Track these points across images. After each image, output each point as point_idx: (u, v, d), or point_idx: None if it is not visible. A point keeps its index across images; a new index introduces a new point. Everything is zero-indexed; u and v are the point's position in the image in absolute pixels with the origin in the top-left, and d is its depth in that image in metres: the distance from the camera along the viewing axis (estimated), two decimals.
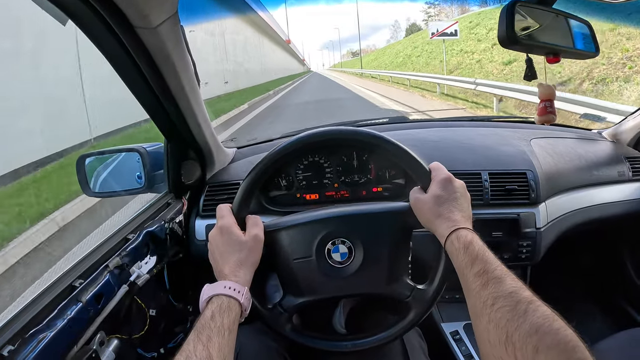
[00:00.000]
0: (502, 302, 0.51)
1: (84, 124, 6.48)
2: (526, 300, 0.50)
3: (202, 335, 0.56)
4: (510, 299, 0.51)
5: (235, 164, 1.24)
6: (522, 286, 0.53)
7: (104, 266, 0.80)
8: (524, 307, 0.49)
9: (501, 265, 0.58)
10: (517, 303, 0.50)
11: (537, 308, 0.49)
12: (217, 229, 0.72)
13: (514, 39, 0.72)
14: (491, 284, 0.54)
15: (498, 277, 0.55)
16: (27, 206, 4.18)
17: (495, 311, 0.51)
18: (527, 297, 0.51)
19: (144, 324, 0.92)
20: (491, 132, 1.32)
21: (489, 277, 0.56)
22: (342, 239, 0.74)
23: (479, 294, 0.55)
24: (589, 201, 1.19)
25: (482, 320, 0.53)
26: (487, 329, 0.51)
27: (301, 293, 0.76)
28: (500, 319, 0.50)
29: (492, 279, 0.55)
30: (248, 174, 0.75)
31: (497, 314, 0.50)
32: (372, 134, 0.75)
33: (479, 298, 0.55)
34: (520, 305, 0.50)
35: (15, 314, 0.64)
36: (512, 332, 0.48)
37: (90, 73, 6.40)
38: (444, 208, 0.67)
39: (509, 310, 0.50)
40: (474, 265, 0.58)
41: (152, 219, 0.99)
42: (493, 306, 0.52)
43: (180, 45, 0.75)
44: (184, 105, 0.87)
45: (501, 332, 0.49)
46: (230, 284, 0.64)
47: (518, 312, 0.49)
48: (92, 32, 0.66)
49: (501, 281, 0.54)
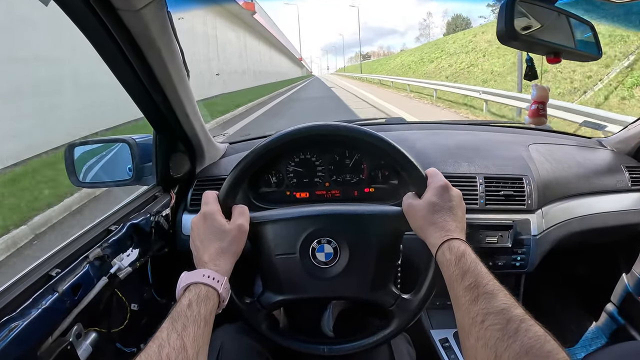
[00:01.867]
0: (492, 320, 0.49)
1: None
2: (518, 318, 0.47)
3: (177, 323, 0.53)
4: (501, 316, 0.48)
5: (226, 158, 1.22)
6: (514, 303, 0.51)
7: (83, 257, 0.78)
8: (515, 327, 0.46)
9: (493, 280, 0.55)
10: (508, 321, 0.47)
11: (529, 328, 0.46)
12: (200, 215, 0.69)
13: (514, 35, 0.70)
14: (482, 299, 0.52)
15: (489, 292, 0.52)
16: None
17: (485, 329, 0.48)
18: (518, 315, 0.48)
19: (124, 318, 0.90)
20: (489, 137, 1.30)
21: (479, 291, 0.53)
22: (328, 239, 0.72)
23: (469, 309, 0.52)
24: (587, 210, 1.17)
25: (470, 337, 0.50)
26: (475, 347, 0.49)
27: (281, 290, 0.74)
28: (490, 338, 0.47)
29: (483, 294, 0.52)
30: (238, 163, 0.72)
31: (487, 332, 0.48)
32: (370, 133, 0.72)
33: (468, 314, 0.52)
34: (511, 324, 0.47)
35: None
36: (501, 353, 0.45)
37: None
38: (438, 216, 0.65)
39: (499, 329, 0.47)
40: (465, 279, 0.56)
41: (137, 212, 0.97)
42: (483, 323, 0.49)
43: (167, 31, 0.73)
44: (172, 96, 0.85)
45: (490, 351, 0.46)
46: (210, 272, 0.61)
47: (508, 332, 0.46)
48: (75, 14, 0.64)
49: (493, 297, 0.52)
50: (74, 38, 0.75)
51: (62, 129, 6.22)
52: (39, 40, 6.07)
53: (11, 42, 5.73)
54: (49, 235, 3.78)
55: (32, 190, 4.56)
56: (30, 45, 6.00)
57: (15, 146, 5.65)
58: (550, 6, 0.76)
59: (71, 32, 0.68)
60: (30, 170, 5.38)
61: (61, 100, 6.74)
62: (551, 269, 1.28)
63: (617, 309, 1.44)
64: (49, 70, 6.46)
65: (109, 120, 7.38)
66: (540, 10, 0.76)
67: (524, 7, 0.73)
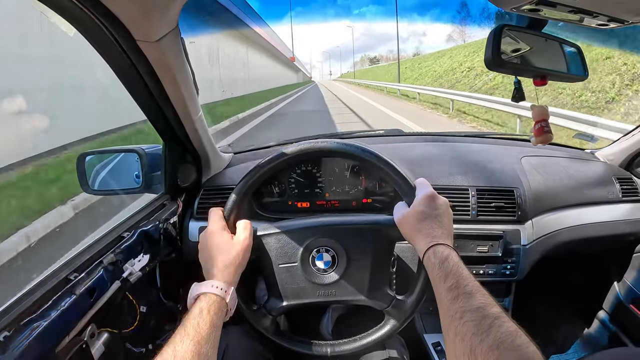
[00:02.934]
0: (469, 316, 0.54)
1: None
2: (492, 315, 0.53)
3: (189, 329, 0.60)
4: (477, 313, 0.54)
5: (231, 168, 1.27)
6: (491, 302, 0.56)
7: (98, 262, 0.83)
8: (489, 322, 0.52)
9: (474, 281, 0.60)
10: (483, 318, 0.53)
11: (502, 324, 0.51)
12: (208, 231, 0.76)
13: (500, 62, 0.74)
14: (461, 298, 0.57)
15: (469, 292, 0.58)
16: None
17: (462, 325, 0.54)
18: (494, 312, 0.53)
19: (134, 319, 0.94)
20: (483, 149, 1.34)
21: (459, 291, 0.58)
22: (326, 248, 0.77)
23: (449, 307, 0.58)
24: (577, 220, 1.21)
25: (449, 333, 0.55)
26: (454, 342, 0.54)
27: (285, 297, 0.80)
28: (466, 333, 0.52)
29: (463, 294, 0.58)
30: (240, 181, 0.79)
31: (464, 328, 0.53)
32: (361, 148, 0.78)
33: (448, 312, 0.57)
34: (485, 320, 0.52)
35: (11, 303, 0.67)
36: (475, 346, 0.50)
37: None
38: (425, 224, 0.70)
39: (474, 325, 0.52)
40: (447, 280, 0.61)
41: (147, 219, 1.02)
42: (461, 319, 0.54)
43: (180, 57, 0.78)
44: (182, 112, 0.90)
45: (466, 345, 0.51)
46: (218, 283, 0.68)
47: (482, 327, 0.51)
48: (97, 42, 0.69)
49: (471, 296, 0.57)
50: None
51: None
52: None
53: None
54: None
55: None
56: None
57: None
58: (538, 32, 0.80)
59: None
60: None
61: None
62: (543, 277, 1.32)
63: (608, 316, 1.48)
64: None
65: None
66: (527, 37, 0.80)
67: (512, 33, 0.78)
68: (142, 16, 0.64)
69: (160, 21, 0.67)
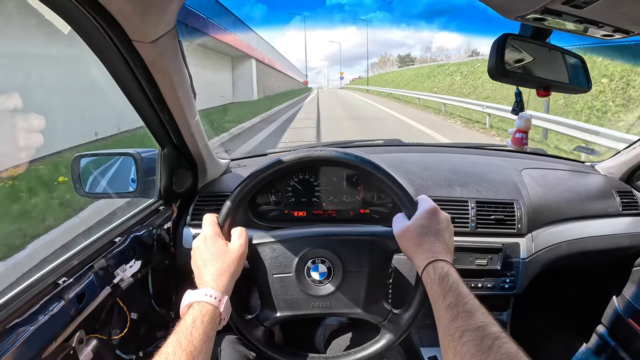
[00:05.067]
0: (468, 336, 0.52)
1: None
2: (493, 336, 0.51)
3: (181, 339, 0.57)
4: (477, 333, 0.52)
5: (227, 175, 1.25)
6: (491, 321, 0.54)
7: (88, 266, 0.81)
8: (489, 343, 0.50)
9: (473, 299, 0.58)
10: (483, 338, 0.51)
11: (503, 345, 0.50)
12: (202, 237, 0.73)
13: (504, 71, 0.73)
14: (460, 317, 0.55)
15: (468, 310, 0.56)
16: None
17: (462, 345, 0.52)
18: (494, 332, 0.52)
19: (124, 326, 0.92)
20: (483, 160, 1.33)
21: (459, 310, 0.56)
22: (322, 258, 0.75)
23: (448, 326, 0.56)
24: (577, 234, 1.20)
25: (449, 353, 0.54)
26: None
27: (278, 308, 0.77)
28: (466, 354, 0.51)
29: (462, 312, 0.56)
30: (236, 187, 0.77)
31: (464, 348, 0.51)
32: (360, 157, 0.76)
33: (447, 330, 0.56)
34: (486, 340, 0.50)
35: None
36: None
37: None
38: (425, 239, 0.68)
39: (474, 345, 0.51)
40: (446, 298, 0.59)
41: (140, 224, 1.00)
42: (460, 339, 0.52)
43: (177, 59, 0.77)
44: (179, 116, 0.89)
45: None
46: (212, 292, 0.65)
47: (483, 348, 0.50)
48: (92, 41, 0.68)
49: (471, 315, 0.55)
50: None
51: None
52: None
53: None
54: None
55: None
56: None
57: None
58: (542, 42, 0.80)
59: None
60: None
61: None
62: (542, 291, 1.31)
63: (607, 331, 1.46)
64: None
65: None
66: (531, 47, 0.79)
67: (516, 43, 0.77)
68: (138, 16, 0.62)
69: (157, 21, 0.65)
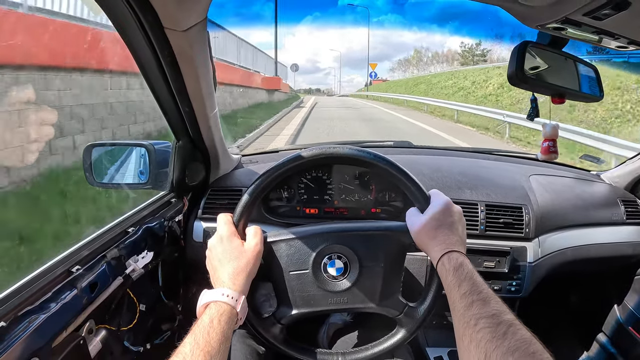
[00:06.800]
0: (483, 323, 0.53)
1: None
2: (507, 322, 0.52)
3: (199, 339, 0.57)
4: (492, 320, 0.53)
5: (239, 170, 1.26)
6: (505, 309, 0.55)
7: (101, 255, 0.81)
8: (504, 329, 0.51)
9: (487, 288, 0.60)
10: (497, 325, 0.52)
11: (517, 331, 0.51)
12: (217, 236, 0.73)
13: (523, 78, 0.74)
14: (475, 305, 0.57)
15: (483, 299, 0.57)
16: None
17: (477, 332, 0.53)
18: (508, 319, 0.53)
19: (134, 317, 0.92)
20: (492, 165, 1.35)
21: (474, 298, 0.58)
22: (338, 254, 0.76)
23: (464, 314, 0.57)
24: (582, 240, 1.21)
25: (464, 340, 0.55)
26: (468, 349, 0.53)
27: (295, 305, 0.77)
28: (481, 340, 0.52)
29: (477, 301, 0.57)
30: (254, 181, 0.77)
31: (479, 335, 0.52)
32: (376, 155, 0.77)
33: (463, 318, 0.57)
34: (500, 327, 0.52)
35: (10, 292, 0.64)
36: (490, 353, 0.49)
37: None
38: (439, 231, 0.69)
39: (489, 332, 0.52)
40: (461, 287, 0.60)
41: (152, 216, 1.01)
42: (475, 326, 0.54)
43: (205, 50, 0.77)
44: (198, 108, 0.90)
45: (480, 351, 0.51)
46: (229, 291, 0.65)
47: (498, 334, 0.51)
48: (122, 26, 0.68)
49: (485, 303, 0.56)
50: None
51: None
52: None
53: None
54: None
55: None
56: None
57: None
58: (558, 51, 0.81)
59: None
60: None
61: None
62: (545, 296, 1.32)
63: (608, 339, 1.47)
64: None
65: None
66: (548, 55, 0.81)
67: (534, 51, 0.79)
68: (175, 3, 0.62)
69: (191, 10, 0.66)
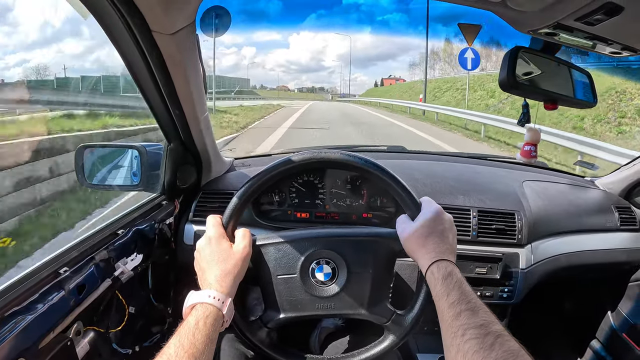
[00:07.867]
0: (471, 334, 0.53)
1: None
2: (495, 333, 0.52)
3: (184, 340, 0.57)
4: (480, 330, 0.53)
5: (231, 173, 1.26)
6: (493, 320, 0.55)
7: (90, 257, 0.80)
8: (492, 340, 0.51)
9: (476, 298, 0.59)
10: (485, 335, 0.52)
11: (505, 342, 0.50)
12: (205, 238, 0.72)
13: (515, 83, 0.74)
14: (464, 314, 0.56)
15: (471, 308, 0.57)
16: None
17: (465, 342, 0.52)
18: (496, 330, 0.52)
19: (122, 319, 0.91)
20: (485, 171, 1.34)
21: (462, 308, 0.57)
22: (326, 259, 0.75)
23: (451, 324, 0.56)
24: (575, 247, 1.21)
25: (451, 350, 0.54)
26: (455, 359, 0.53)
27: (282, 309, 0.76)
28: (468, 350, 0.51)
29: (466, 310, 0.57)
30: (243, 185, 0.76)
31: (466, 345, 0.52)
32: (367, 160, 0.77)
33: (450, 328, 0.56)
34: (488, 337, 0.51)
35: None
36: None
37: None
38: (429, 239, 0.69)
39: (477, 342, 0.51)
40: (450, 296, 0.60)
41: (142, 218, 1.00)
42: (463, 337, 0.53)
43: (194, 53, 0.77)
44: (189, 111, 0.89)
45: None
46: (215, 293, 0.64)
47: (485, 345, 0.50)
48: (110, 29, 0.68)
49: (474, 313, 0.56)
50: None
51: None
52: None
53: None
54: None
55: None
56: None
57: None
58: (550, 57, 0.81)
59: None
60: None
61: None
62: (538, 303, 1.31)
63: (602, 346, 1.46)
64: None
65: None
66: (541, 60, 0.80)
67: (527, 56, 0.79)
68: (162, 6, 0.62)
69: (178, 13, 0.66)
